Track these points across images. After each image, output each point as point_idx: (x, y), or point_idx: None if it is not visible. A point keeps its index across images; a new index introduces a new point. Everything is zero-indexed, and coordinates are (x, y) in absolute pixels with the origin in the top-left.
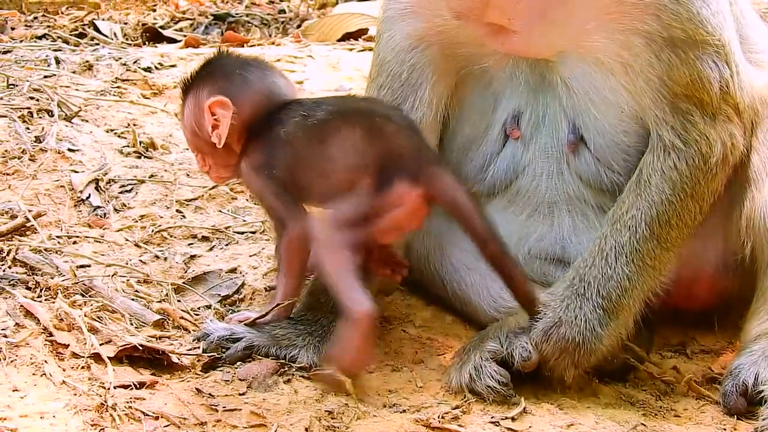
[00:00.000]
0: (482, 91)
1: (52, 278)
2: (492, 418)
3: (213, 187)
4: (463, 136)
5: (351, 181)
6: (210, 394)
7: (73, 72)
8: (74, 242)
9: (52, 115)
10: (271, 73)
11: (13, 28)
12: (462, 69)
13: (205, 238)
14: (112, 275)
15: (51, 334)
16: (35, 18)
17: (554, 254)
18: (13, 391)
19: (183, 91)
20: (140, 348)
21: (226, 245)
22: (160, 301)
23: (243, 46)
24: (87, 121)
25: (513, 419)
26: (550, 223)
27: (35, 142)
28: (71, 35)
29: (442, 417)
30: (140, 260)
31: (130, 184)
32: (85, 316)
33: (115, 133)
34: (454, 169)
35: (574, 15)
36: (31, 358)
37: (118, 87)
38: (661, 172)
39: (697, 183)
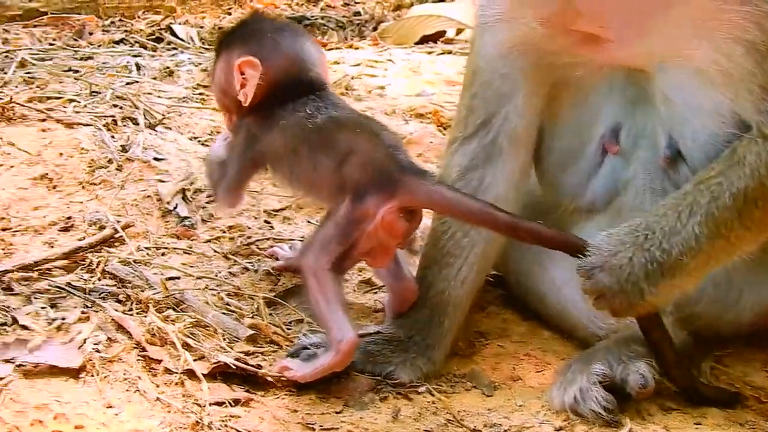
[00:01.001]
0: (578, 104)
1: (143, 291)
2: None
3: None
4: (560, 151)
5: (334, 189)
6: (306, 412)
7: (154, 78)
8: (163, 254)
9: (137, 123)
10: (303, 40)
11: (90, 33)
12: (556, 79)
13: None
14: (203, 288)
15: (144, 350)
16: (112, 22)
17: None
18: (108, 407)
19: (217, 50)
20: (233, 366)
21: None
22: (252, 316)
23: None
24: (170, 128)
25: None
26: None
27: (121, 151)
28: (148, 40)
29: None
30: (230, 272)
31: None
32: (178, 332)
33: (199, 141)
34: (551, 184)
35: (671, 23)
36: (124, 374)
37: (200, 93)
38: (758, 155)
39: None
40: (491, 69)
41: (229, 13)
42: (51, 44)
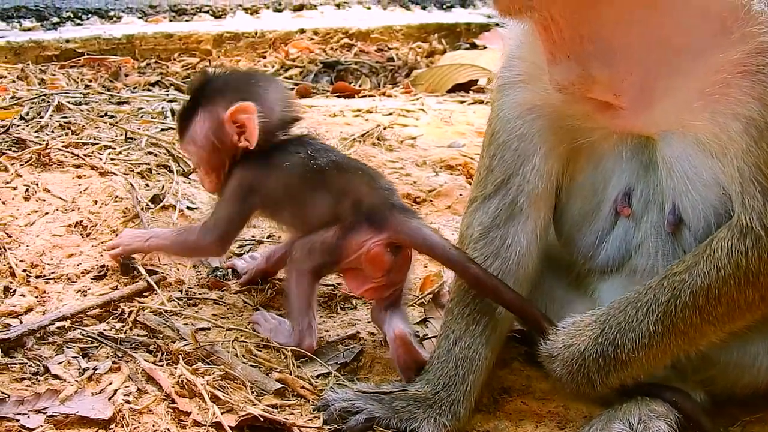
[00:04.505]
0: (593, 167)
1: (174, 342)
2: None
3: None
4: (575, 212)
5: (325, 224)
6: None
7: None
8: (194, 304)
9: (171, 171)
10: (279, 85)
11: (126, 75)
12: (571, 142)
13: (324, 303)
14: (233, 340)
15: (173, 401)
16: (148, 64)
17: None
18: None
19: (185, 117)
20: (261, 418)
21: (346, 311)
22: (280, 370)
23: (354, 97)
24: None
25: None
26: None
27: (154, 199)
28: (183, 82)
29: None
30: None
31: (248, 245)
32: (207, 384)
33: None
34: (567, 244)
35: (680, 93)
36: (153, 426)
37: None
38: (729, 250)
39: (764, 276)
40: (509, 130)
41: (264, 57)
42: (87, 86)
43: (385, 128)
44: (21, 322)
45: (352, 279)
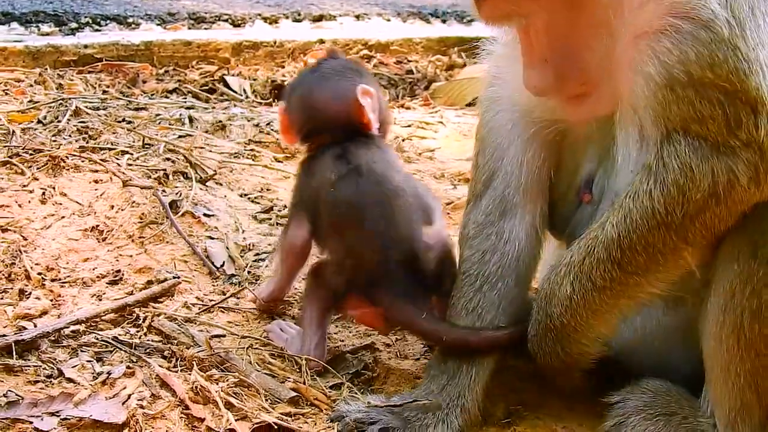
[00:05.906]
0: (567, 155)
1: (188, 348)
2: None
3: None
4: (551, 198)
5: (338, 259)
6: None
7: (206, 131)
8: (209, 311)
9: (188, 178)
10: (333, 82)
11: (144, 81)
12: (545, 131)
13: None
14: (247, 348)
15: (187, 407)
16: (166, 71)
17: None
18: None
19: None
20: (275, 426)
21: None
22: (294, 380)
23: None
24: (221, 184)
25: None
26: None
27: (171, 205)
28: (201, 90)
29: None
30: None
31: (264, 253)
32: (221, 391)
33: (249, 198)
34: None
35: (618, 65)
36: (167, 431)
37: (251, 149)
38: (635, 195)
39: (672, 213)
40: (486, 123)
41: (283, 66)
42: (105, 91)
43: (403, 140)
44: (35, 325)
45: (362, 321)
